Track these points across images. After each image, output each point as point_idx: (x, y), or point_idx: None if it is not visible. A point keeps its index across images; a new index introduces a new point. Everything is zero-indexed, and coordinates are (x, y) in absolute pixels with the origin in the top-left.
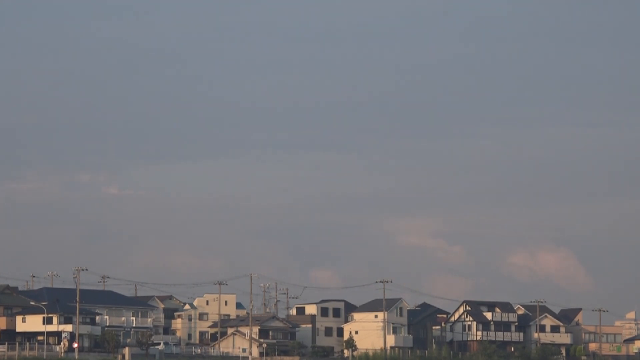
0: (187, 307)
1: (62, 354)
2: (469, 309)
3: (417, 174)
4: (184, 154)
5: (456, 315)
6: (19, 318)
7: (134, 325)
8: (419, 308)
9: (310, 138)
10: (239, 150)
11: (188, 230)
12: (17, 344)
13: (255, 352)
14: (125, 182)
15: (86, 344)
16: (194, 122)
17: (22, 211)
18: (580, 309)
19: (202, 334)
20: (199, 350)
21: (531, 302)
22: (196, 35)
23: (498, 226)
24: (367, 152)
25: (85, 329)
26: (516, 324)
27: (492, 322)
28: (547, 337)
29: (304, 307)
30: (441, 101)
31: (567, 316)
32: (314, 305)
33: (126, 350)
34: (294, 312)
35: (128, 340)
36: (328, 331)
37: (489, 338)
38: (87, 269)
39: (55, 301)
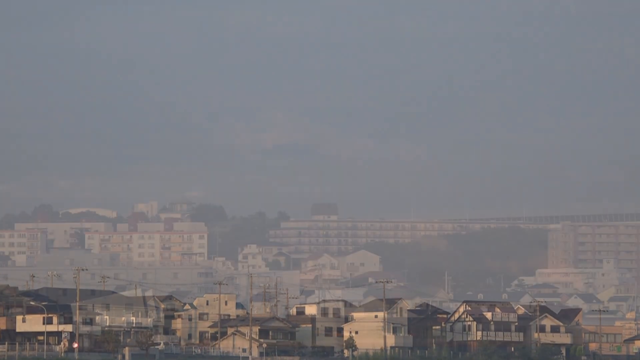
0: (187, 307)
1: (62, 354)
2: (469, 309)
3: (413, 175)
4: (168, 158)
5: (456, 315)
6: (19, 318)
7: (134, 325)
8: (419, 308)
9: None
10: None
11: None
12: (17, 344)
13: (255, 352)
14: (105, 185)
15: (86, 344)
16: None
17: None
18: (580, 309)
19: (202, 334)
20: (199, 350)
21: (531, 302)
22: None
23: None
24: (363, 154)
25: (85, 329)
26: (516, 324)
27: (492, 322)
28: (547, 337)
29: (304, 307)
30: (438, 104)
31: (567, 316)
32: (314, 305)
33: (126, 350)
34: (294, 312)
35: (128, 340)
36: (328, 331)
37: (489, 338)
38: (87, 269)
39: (55, 301)
